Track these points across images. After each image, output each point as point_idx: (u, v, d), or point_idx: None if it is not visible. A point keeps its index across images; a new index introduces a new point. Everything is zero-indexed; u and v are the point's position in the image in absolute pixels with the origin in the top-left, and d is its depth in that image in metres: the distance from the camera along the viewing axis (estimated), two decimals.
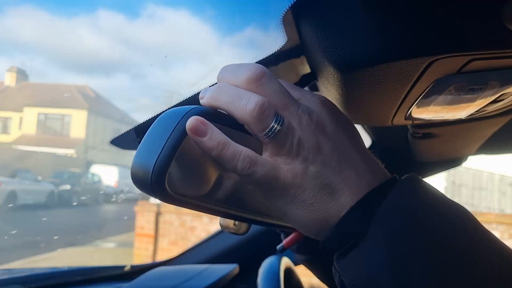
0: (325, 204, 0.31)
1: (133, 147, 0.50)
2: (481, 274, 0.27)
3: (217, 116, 0.32)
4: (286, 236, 0.55)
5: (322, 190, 0.31)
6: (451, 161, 0.89)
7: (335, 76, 0.34)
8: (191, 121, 0.29)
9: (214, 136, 0.30)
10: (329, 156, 0.31)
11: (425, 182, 0.32)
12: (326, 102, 0.34)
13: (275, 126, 0.30)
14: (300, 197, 0.31)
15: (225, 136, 0.30)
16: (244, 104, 0.30)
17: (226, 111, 0.31)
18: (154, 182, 0.28)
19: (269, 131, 0.30)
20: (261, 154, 0.31)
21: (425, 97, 0.37)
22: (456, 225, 0.29)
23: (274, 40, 0.34)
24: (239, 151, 0.30)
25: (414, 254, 0.27)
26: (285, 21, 0.32)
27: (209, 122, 0.30)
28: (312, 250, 0.60)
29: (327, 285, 0.68)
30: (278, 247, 0.53)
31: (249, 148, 0.31)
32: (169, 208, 4.97)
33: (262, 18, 0.34)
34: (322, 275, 0.66)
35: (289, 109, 0.31)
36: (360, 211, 0.30)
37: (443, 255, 0.27)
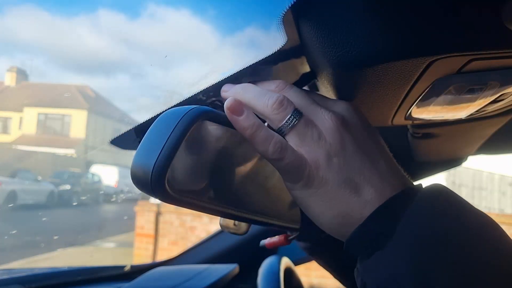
0: (348, 199, 0.31)
1: (133, 147, 0.50)
2: (504, 284, 0.27)
3: (217, 117, 0.32)
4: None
5: (345, 184, 0.31)
6: (451, 161, 0.89)
7: (335, 76, 0.34)
8: (230, 100, 0.31)
9: (250, 117, 0.31)
10: (353, 153, 0.32)
11: (451, 190, 0.32)
12: (351, 106, 0.35)
13: (293, 116, 0.32)
14: (323, 189, 0.32)
15: (259, 119, 0.32)
16: (266, 99, 0.32)
17: (249, 106, 0.33)
18: (154, 182, 0.28)
19: (288, 120, 0.32)
20: None
21: (425, 97, 0.37)
22: (482, 235, 0.29)
23: (275, 39, 0.34)
24: (272, 135, 0.31)
25: (438, 260, 0.27)
26: (285, 21, 0.32)
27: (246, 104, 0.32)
28: (314, 238, 0.61)
29: (330, 272, 0.68)
30: (260, 242, 0.54)
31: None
32: (169, 208, 4.97)
33: (263, 18, 0.34)
34: (324, 263, 0.67)
35: (310, 108, 0.33)
36: (387, 212, 0.30)
37: (467, 263, 0.27)
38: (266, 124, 0.33)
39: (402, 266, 0.28)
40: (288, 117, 0.32)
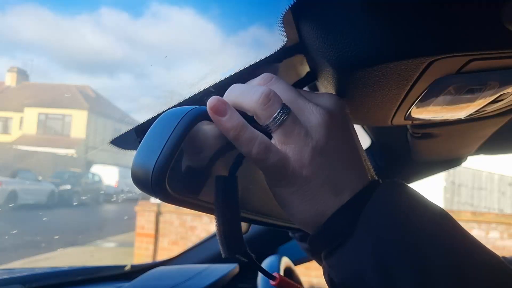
0: (327, 197, 0.31)
1: (133, 147, 0.50)
2: (463, 272, 0.28)
3: None
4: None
5: (327, 183, 0.31)
6: (451, 161, 0.89)
7: (335, 76, 0.34)
8: (212, 100, 0.30)
9: (234, 117, 0.31)
10: (336, 151, 0.32)
11: (407, 185, 0.33)
12: (338, 100, 0.35)
13: (281, 113, 0.31)
14: (305, 187, 0.31)
15: (243, 120, 0.31)
16: (252, 94, 0.31)
17: (236, 106, 0.32)
18: (155, 182, 0.28)
19: (275, 117, 0.31)
20: None
21: (424, 97, 0.37)
22: (438, 225, 0.30)
23: (278, 38, 0.34)
24: (256, 135, 0.31)
25: (398, 252, 0.28)
26: (285, 21, 0.33)
27: (229, 104, 0.31)
28: None
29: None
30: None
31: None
32: (169, 208, 4.98)
33: (266, 17, 0.34)
34: None
35: (297, 103, 0.32)
36: (347, 211, 0.31)
37: (426, 253, 0.28)
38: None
39: (364, 261, 0.29)
40: (276, 113, 0.31)
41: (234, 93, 0.33)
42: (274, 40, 0.34)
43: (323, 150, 0.31)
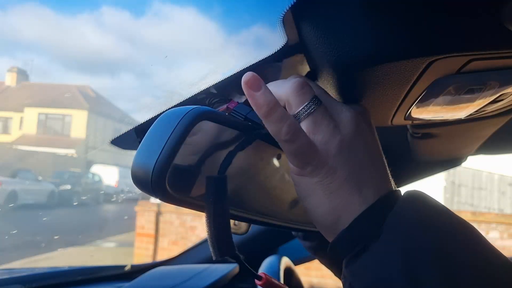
0: (349, 194, 0.31)
1: (133, 147, 0.50)
2: (488, 281, 0.27)
3: (218, 117, 0.32)
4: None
5: (351, 179, 0.31)
6: (451, 161, 0.89)
7: (335, 76, 0.34)
8: (247, 75, 0.30)
9: (267, 93, 0.30)
10: (363, 149, 0.32)
11: (427, 195, 0.32)
12: (361, 107, 0.35)
13: (312, 102, 0.31)
14: (328, 179, 0.31)
15: (276, 98, 0.31)
16: (286, 83, 0.32)
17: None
18: (155, 182, 0.28)
19: (306, 106, 0.31)
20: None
21: (424, 97, 0.37)
22: (463, 234, 0.30)
23: (280, 38, 0.34)
24: (287, 116, 0.31)
25: (427, 258, 0.27)
26: (285, 21, 0.33)
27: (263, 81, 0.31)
28: (319, 237, 0.61)
29: (333, 272, 0.68)
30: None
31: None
32: (169, 208, 4.97)
33: (268, 16, 0.34)
34: (328, 262, 0.67)
35: (328, 99, 0.33)
36: (375, 213, 0.30)
37: (454, 260, 0.28)
38: None
39: (392, 267, 0.27)
40: (308, 102, 0.31)
41: (271, 86, 0.32)
42: (275, 39, 0.34)
43: (350, 145, 0.31)
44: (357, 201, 0.31)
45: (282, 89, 0.32)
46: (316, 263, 0.74)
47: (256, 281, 0.38)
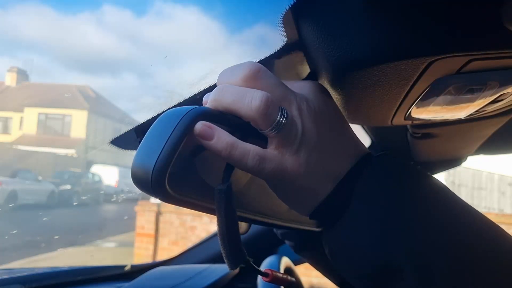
0: (325, 186, 0.33)
1: (133, 147, 0.50)
2: (458, 238, 0.29)
3: (217, 117, 0.32)
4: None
5: (321, 174, 0.33)
6: (451, 161, 0.89)
7: (335, 76, 0.34)
8: (198, 126, 0.29)
9: (222, 138, 0.30)
10: (328, 142, 0.33)
11: (396, 158, 0.34)
12: (318, 87, 0.35)
13: (281, 119, 0.30)
14: (305, 184, 0.33)
15: (232, 137, 0.31)
16: (248, 102, 0.30)
17: (230, 111, 0.31)
18: (155, 182, 0.28)
19: (275, 125, 0.30)
20: (263, 147, 0.32)
21: (424, 97, 0.37)
22: (431, 195, 0.32)
23: (275, 40, 0.34)
24: (248, 150, 0.31)
25: (396, 225, 0.30)
26: (285, 21, 0.33)
27: (215, 126, 0.30)
28: (313, 246, 0.61)
29: (317, 269, 0.69)
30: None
31: (251, 143, 0.31)
32: (169, 208, 4.97)
33: (269, 15, 0.33)
34: (312, 261, 0.68)
35: (288, 100, 0.32)
36: (343, 188, 0.33)
37: (422, 221, 0.30)
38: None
39: (363, 234, 0.30)
40: (277, 121, 0.30)
41: (228, 98, 0.31)
42: (276, 39, 0.34)
43: (317, 145, 0.32)
44: (332, 174, 0.33)
45: (247, 110, 0.30)
46: None
47: (264, 278, 0.39)
